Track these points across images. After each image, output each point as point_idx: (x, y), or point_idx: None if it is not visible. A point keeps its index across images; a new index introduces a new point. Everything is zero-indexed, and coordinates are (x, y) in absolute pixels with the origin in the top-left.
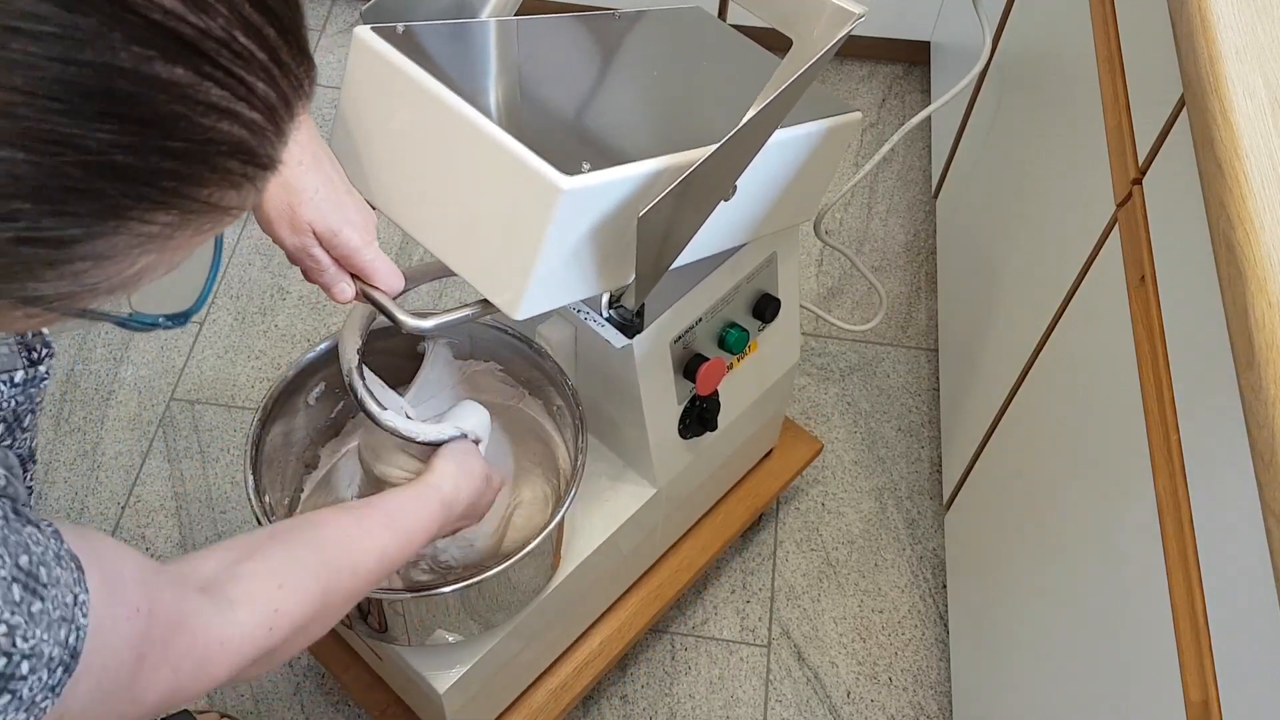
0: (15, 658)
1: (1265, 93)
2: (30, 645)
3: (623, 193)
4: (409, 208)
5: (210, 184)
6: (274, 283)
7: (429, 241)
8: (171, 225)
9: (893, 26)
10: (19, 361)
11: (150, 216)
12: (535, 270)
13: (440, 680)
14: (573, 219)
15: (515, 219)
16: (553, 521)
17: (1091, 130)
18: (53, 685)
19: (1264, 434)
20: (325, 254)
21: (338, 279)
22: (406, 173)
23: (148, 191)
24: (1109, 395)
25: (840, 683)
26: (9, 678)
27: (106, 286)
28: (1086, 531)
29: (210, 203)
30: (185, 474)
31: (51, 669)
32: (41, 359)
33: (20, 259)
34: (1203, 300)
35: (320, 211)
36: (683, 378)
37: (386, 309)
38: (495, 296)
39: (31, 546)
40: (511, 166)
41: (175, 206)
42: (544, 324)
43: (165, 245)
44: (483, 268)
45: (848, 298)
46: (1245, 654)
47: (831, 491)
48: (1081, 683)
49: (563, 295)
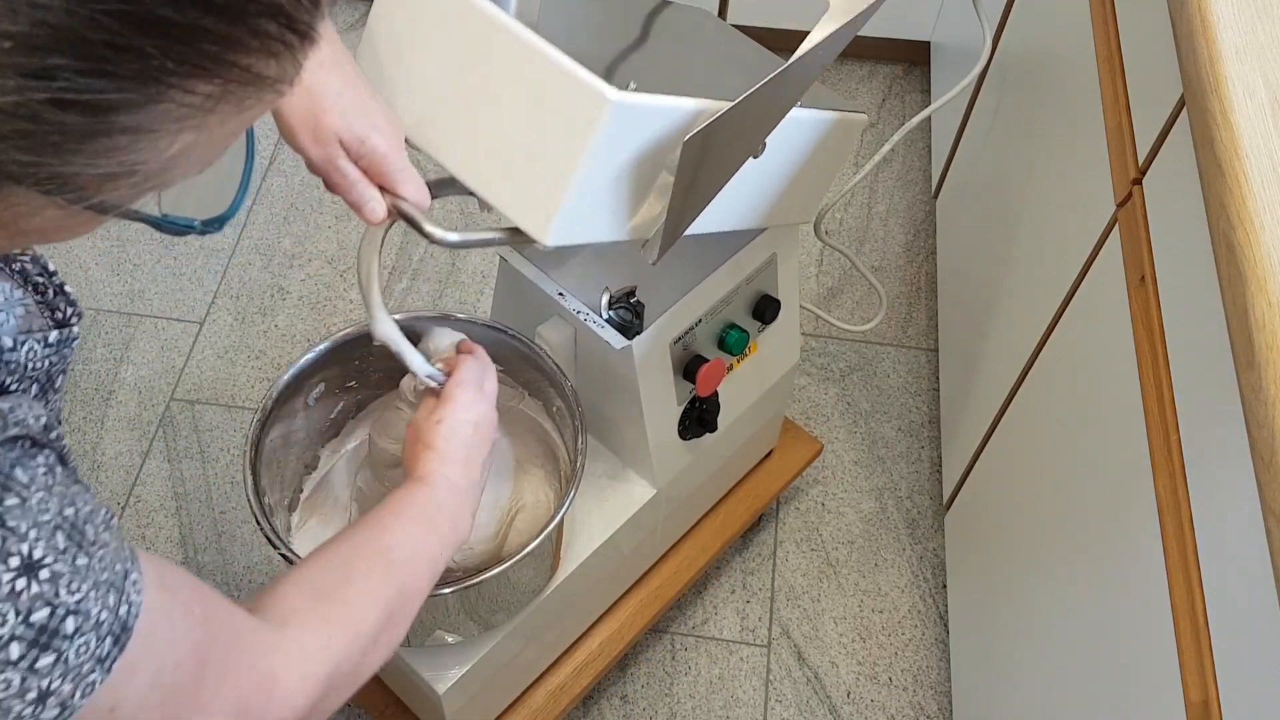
0: (60, 611)
1: (1265, 93)
2: (76, 600)
3: (666, 122)
4: (438, 130)
5: (249, 50)
6: (274, 283)
7: (459, 167)
8: (212, 97)
9: (893, 26)
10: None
11: (191, 85)
12: (570, 191)
13: (440, 681)
14: (616, 137)
15: (555, 134)
16: (553, 522)
17: (1091, 130)
18: (101, 657)
19: (1264, 434)
20: (353, 166)
21: (367, 195)
22: (437, 91)
23: (188, 53)
24: (1109, 395)
25: (840, 683)
26: (53, 633)
27: (144, 171)
28: (1086, 531)
29: (251, 71)
30: (185, 474)
31: (100, 636)
32: (68, 319)
33: (56, 127)
34: (1203, 300)
35: (345, 119)
36: (682, 379)
37: (416, 221)
38: (525, 220)
39: (78, 502)
40: (556, 78)
41: (216, 74)
42: (544, 324)
43: (205, 122)
44: (514, 191)
45: (848, 298)
46: (1245, 654)
47: (831, 491)
48: (1082, 682)
49: (592, 228)
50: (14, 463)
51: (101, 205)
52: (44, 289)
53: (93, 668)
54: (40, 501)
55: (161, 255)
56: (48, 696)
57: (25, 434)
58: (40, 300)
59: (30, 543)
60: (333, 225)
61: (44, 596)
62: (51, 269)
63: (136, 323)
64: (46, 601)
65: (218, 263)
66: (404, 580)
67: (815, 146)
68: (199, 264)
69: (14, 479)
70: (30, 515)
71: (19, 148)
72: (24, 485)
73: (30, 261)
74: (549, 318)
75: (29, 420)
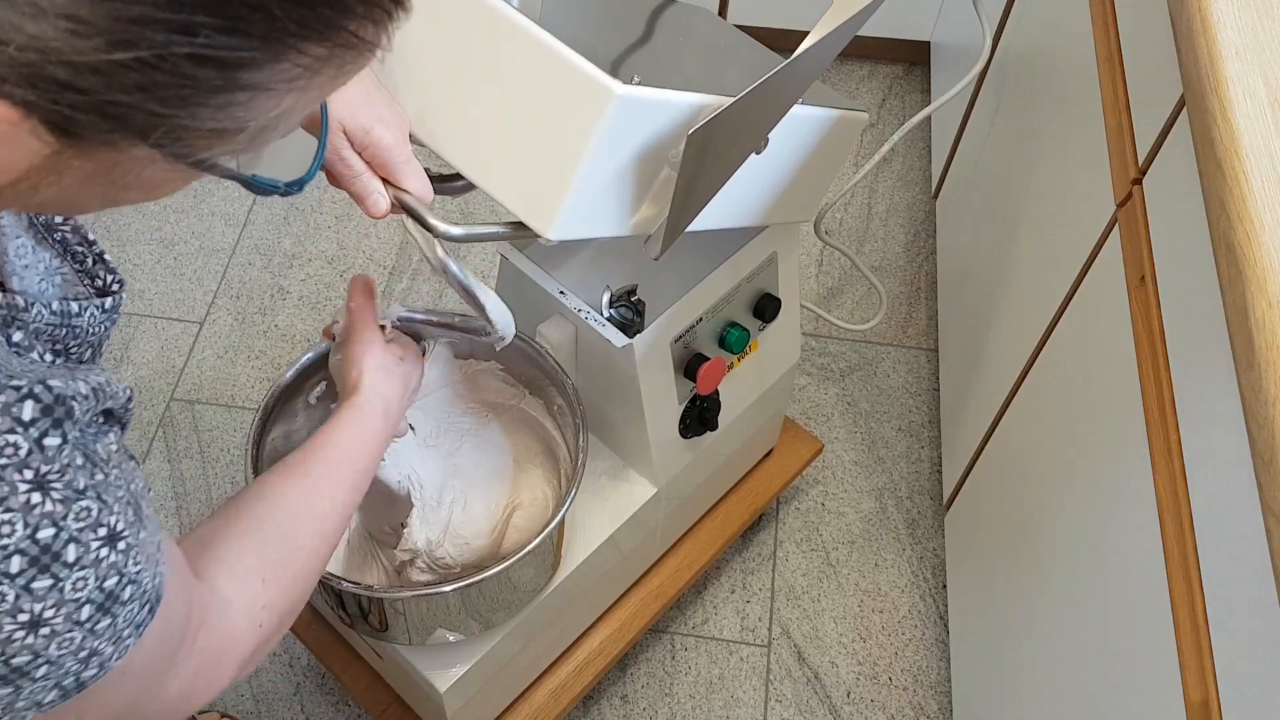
0: (125, 579)
1: (1265, 93)
2: (136, 570)
3: (670, 116)
4: (441, 123)
5: (357, 16)
6: (274, 283)
7: (462, 161)
8: (320, 60)
9: (893, 26)
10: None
11: (305, 47)
12: (574, 184)
13: (441, 679)
14: (621, 131)
15: (559, 129)
16: (554, 521)
17: (1091, 130)
18: (138, 623)
19: (1264, 434)
20: (357, 157)
21: (370, 187)
22: (440, 84)
23: (308, 17)
24: (1109, 395)
25: (840, 683)
26: (115, 599)
27: (251, 130)
28: (1087, 531)
29: (356, 36)
30: (185, 474)
31: (142, 603)
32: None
33: (190, 80)
34: (1203, 300)
35: (350, 107)
36: (683, 377)
37: (419, 214)
38: (529, 214)
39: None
40: (560, 71)
41: (327, 37)
42: (545, 323)
43: (309, 85)
44: (518, 185)
45: (848, 298)
46: (1245, 654)
47: (831, 491)
48: (1081, 682)
49: (595, 223)
50: (95, 439)
51: (203, 162)
52: (83, 258)
53: (130, 633)
54: (117, 477)
55: (161, 255)
56: (93, 656)
57: (114, 407)
58: (79, 269)
59: (116, 515)
60: (333, 225)
61: (117, 566)
62: (91, 238)
63: (136, 323)
64: (119, 571)
65: (218, 263)
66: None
67: (817, 144)
68: (199, 264)
69: (98, 455)
70: (113, 490)
71: (155, 99)
72: (105, 461)
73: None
74: (550, 316)
75: (119, 393)
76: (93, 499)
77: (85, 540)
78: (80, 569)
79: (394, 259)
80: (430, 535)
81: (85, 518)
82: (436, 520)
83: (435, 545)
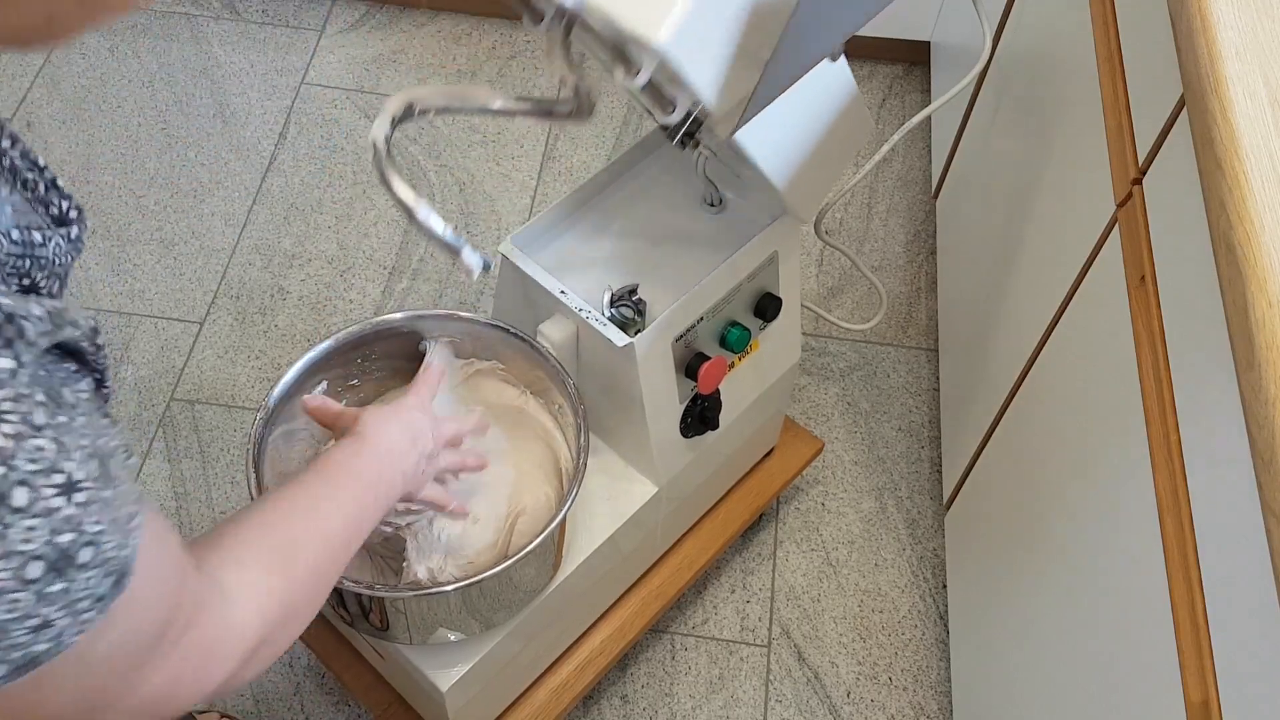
0: (82, 539)
1: (1265, 93)
2: (96, 530)
3: None
4: None
5: None
6: (274, 283)
7: None
8: None
9: (893, 26)
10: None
11: None
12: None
13: (442, 679)
14: None
15: None
16: (555, 521)
17: (1091, 130)
18: (99, 595)
19: (1264, 434)
20: None
21: None
22: None
23: None
24: (1109, 395)
25: (840, 683)
26: (69, 560)
27: None
28: (1086, 531)
29: None
30: (185, 474)
31: (105, 574)
32: (66, 214)
33: None
34: (1203, 300)
35: None
36: (684, 376)
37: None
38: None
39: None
40: None
41: None
42: (546, 322)
43: None
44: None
45: (848, 297)
46: (1245, 654)
47: (831, 491)
48: (1082, 682)
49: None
50: (62, 382)
51: None
52: (34, 184)
53: (90, 606)
54: (82, 426)
55: (161, 255)
56: (45, 627)
57: (76, 337)
58: (32, 197)
59: (75, 463)
60: (333, 225)
61: (73, 521)
62: (42, 164)
63: (136, 323)
64: (75, 527)
65: (218, 263)
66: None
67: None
68: (199, 264)
69: (62, 397)
70: (75, 436)
71: None
72: (71, 406)
73: (20, 156)
74: (551, 315)
75: (79, 320)
76: (49, 439)
77: (36, 485)
78: (30, 516)
79: (394, 259)
80: (431, 565)
81: (39, 459)
82: (434, 548)
83: (438, 572)
